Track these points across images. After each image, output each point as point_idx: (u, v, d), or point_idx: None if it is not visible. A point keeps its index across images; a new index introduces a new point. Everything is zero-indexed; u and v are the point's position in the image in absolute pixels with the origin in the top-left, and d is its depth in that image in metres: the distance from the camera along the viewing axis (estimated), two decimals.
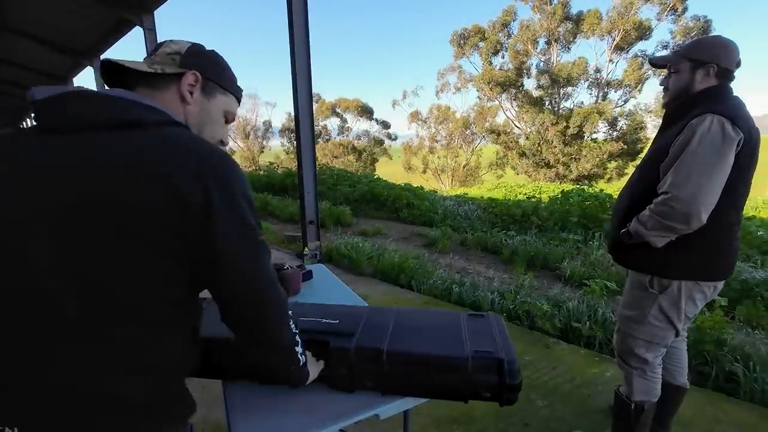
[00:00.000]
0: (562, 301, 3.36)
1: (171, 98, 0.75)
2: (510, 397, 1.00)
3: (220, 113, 0.84)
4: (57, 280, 0.56)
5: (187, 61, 0.77)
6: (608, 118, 23.21)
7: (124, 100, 0.65)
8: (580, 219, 6.74)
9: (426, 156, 30.83)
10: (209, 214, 0.61)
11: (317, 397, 1.02)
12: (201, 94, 0.79)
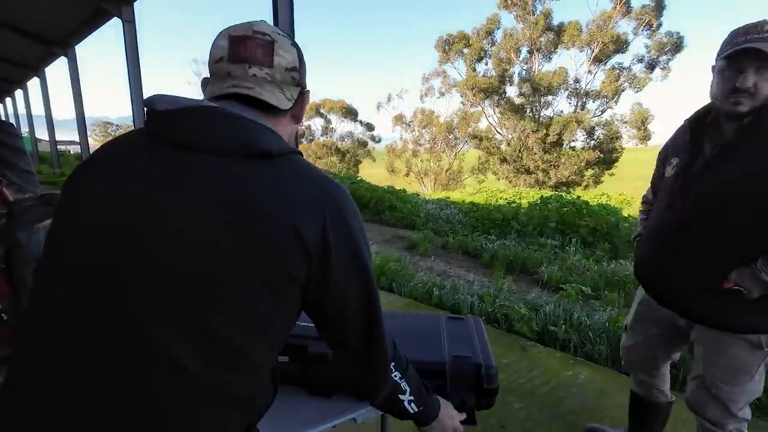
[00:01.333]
0: (540, 305, 3.42)
1: (286, 121, 0.68)
2: (487, 402, 1.01)
3: None
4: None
5: (302, 77, 0.69)
6: (586, 128, 23.94)
7: (256, 125, 0.58)
8: (557, 224, 6.90)
9: (409, 159, 31.02)
10: (328, 256, 0.57)
11: (294, 401, 1.01)
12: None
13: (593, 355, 2.77)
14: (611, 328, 2.97)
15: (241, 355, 0.54)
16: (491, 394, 1.00)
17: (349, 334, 0.66)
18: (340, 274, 0.59)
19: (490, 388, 0.98)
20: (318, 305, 0.62)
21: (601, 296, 4.11)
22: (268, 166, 0.56)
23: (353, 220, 0.60)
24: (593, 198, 14.72)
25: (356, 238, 0.60)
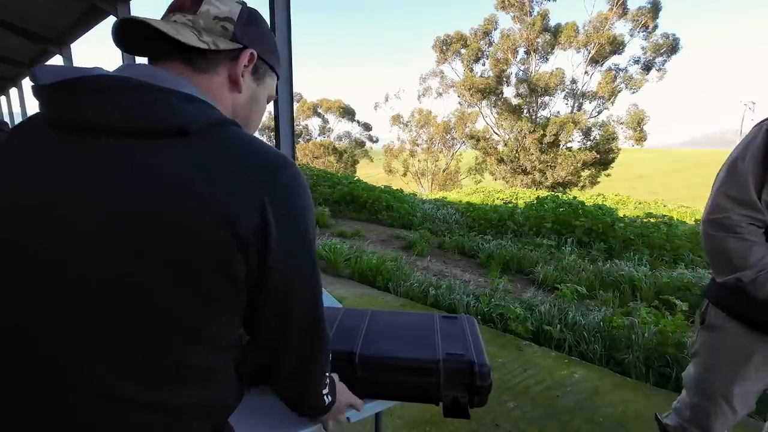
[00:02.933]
0: (535, 305, 3.44)
1: (219, 84, 0.57)
2: (480, 400, 1.01)
3: (265, 100, 0.67)
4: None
5: (243, 32, 0.58)
6: (583, 128, 24.08)
7: (169, 93, 0.48)
8: (553, 225, 6.94)
9: (407, 159, 31.06)
10: (268, 245, 0.48)
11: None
12: (252, 79, 0.62)
13: (588, 354, 2.78)
14: (606, 327, 2.99)
15: (184, 366, 0.49)
16: (484, 392, 1.00)
17: (289, 340, 0.58)
18: (284, 266, 0.50)
19: (482, 385, 0.98)
20: (256, 304, 0.53)
21: (596, 296, 4.14)
22: (189, 146, 0.46)
23: (300, 199, 0.52)
24: (589, 198, 14.82)
25: (304, 223, 0.52)
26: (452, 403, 1.01)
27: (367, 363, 1.00)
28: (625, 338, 2.83)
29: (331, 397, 0.76)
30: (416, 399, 1.03)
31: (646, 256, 5.50)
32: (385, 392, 1.03)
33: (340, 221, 8.19)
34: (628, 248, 5.98)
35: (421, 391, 1.01)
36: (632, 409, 2.19)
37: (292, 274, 0.53)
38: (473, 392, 1.00)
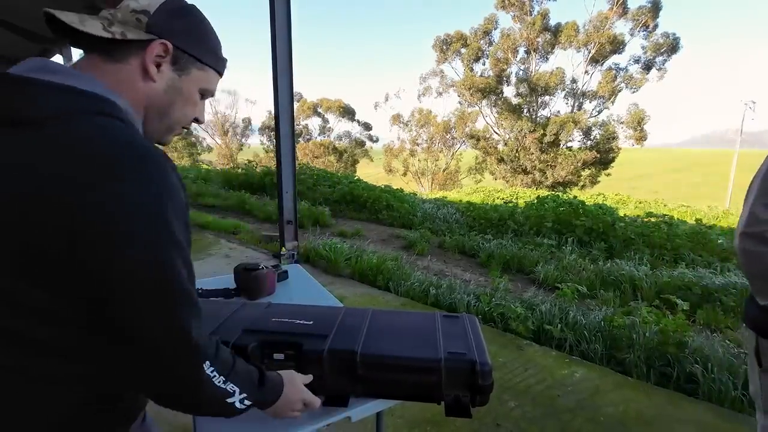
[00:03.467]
0: (536, 304, 3.44)
1: (130, 73, 0.60)
2: (482, 399, 1.01)
3: (194, 91, 0.68)
4: None
5: (156, 24, 0.60)
6: (583, 128, 24.06)
7: (26, 81, 0.50)
8: (554, 224, 6.93)
9: (407, 159, 31.05)
10: (79, 235, 0.46)
11: None
12: (171, 69, 0.63)
13: (588, 353, 2.78)
14: (606, 327, 2.99)
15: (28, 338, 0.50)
16: (486, 391, 1.00)
17: (135, 321, 0.51)
18: (106, 248, 0.47)
19: (484, 384, 0.98)
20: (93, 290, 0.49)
21: (596, 295, 4.14)
22: (25, 138, 0.47)
23: (130, 188, 0.48)
24: (590, 198, 14.81)
25: (131, 208, 0.48)
26: (454, 402, 1.00)
27: (368, 362, 0.99)
28: (626, 338, 2.83)
29: (253, 400, 0.70)
30: (418, 398, 1.02)
31: (646, 256, 5.50)
32: (386, 391, 1.02)
33: (341, 221, 8.19)
34: (628, 248, 5.97)
35: (422, 390, 1.01)
36: (633, 409, 2.19)
37: (117, 268, 0.48)
38: (475, 391, 1.00)
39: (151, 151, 0.52)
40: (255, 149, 34.66)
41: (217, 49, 0.70)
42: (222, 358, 0.63)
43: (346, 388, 1.01)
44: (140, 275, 0.49)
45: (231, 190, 10.44)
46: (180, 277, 0.53)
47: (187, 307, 0.55)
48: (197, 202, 9.07)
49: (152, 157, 0.51)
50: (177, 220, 0.52)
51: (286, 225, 4.49)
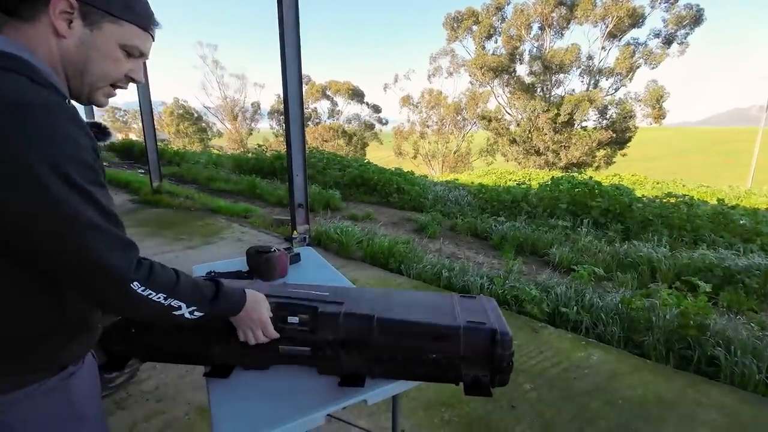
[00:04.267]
0: (551, 286, 3.38)
1: (41, 31, 0.61)
2: (502, 378, 0.98)
3: (112, 47, 0.67)
4: None
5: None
6: (598, 107, 23.34)
7: None
8: (569, 206, 6.79)
9: (417, 141, 30.69)
10: None
11: (304, 382, 0.99)
12: (82, 25, 0.64)
13: (605, 336, 2.73)
14: (624, 309, 2.92)
15: None
16: (505, 368, 0.97)
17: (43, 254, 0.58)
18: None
19: (504, 354, 0.95)
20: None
21: (613, 278, 4.05)
22: None
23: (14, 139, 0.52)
24: (605, 179, 14.48)
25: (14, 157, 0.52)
26: (473, 382, 0.98)
27: (385, 327, 0.97)
28: (644, 320, 2.77)
29: (205, 311, 0.78)
30: (436, 379, 1.00)
31: (665, 237, 5.35)
32: (403, 370, 0.99)
33: (351, 204, 8.16)
34: (646, 229, 5.82)
35: (441, 368, 0.98)
36: (652, 392, 2.15)
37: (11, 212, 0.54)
38: (495, 366, 0.97)
39: (31, 101, 0.55)
40: (265, 134, 34.66)
41: (134, 2, 0.68)
42: (158, 279, 0.68)
43: (362, 367, 0.99)
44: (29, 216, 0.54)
45: (242, 174, 10.47)
46: (76, 212, 0.56)
47: (92, 235, 0.58)
48: (209, 187, 9.12)
49: (34, 108, 0.54)
50: (71, 164, 0.56)
51: (297, 209, 4.47)
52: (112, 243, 0.61)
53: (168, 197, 6.81)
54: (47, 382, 0.67)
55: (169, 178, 9.54)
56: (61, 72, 0.65)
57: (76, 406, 0.73)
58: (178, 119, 34.86)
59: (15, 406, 0.64)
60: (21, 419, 0.65)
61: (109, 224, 0.61)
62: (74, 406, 0.73)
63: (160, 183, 7.37)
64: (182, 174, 10.44)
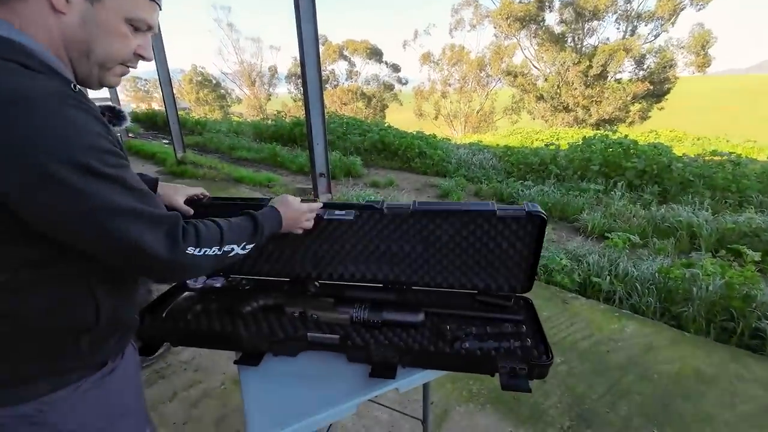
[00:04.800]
0: (582, 255, 3.26)
1: (34, 9, 0.55)
2: (540, 371, 0.95)
3: (117, 21, 0.61)
4: None
5: None
6: (635, 56, 21.58)
7: None
8: (601, 167, 6.44)
9: (438, 101, 29.58)
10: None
11: (334, 370, 0.98)
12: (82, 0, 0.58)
13: (640, 307, 2.64)
14: (661, 278, 2.79)
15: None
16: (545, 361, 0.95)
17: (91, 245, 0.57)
18: (26, 199, 0.50)
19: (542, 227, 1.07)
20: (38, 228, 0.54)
21: (649, 244, 3.87)
22: None
23: (27, 140, 0.48)
24: (640, 136, 13.66)
25: (33, 159, 0.49)
26: (509, 374, 0.94)
27: (420, 212, 1.08)
28: (683, 290, 2.64)
29: (255, 241, 0.82)
30: (470, 369, 0.98)
31: (707, 200, 5.02)
32: (435, 359, 0.98)
33: (372, 170, 8.06)
34: (685, 191, 5.48)
35: (475, 358, 0.96)
36: (691, 366, 2.07)
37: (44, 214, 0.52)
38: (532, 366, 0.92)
39: (23, 94, 0.49)
40: (283, 99, 34.25)
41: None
42: (207, 237, 0.69)
43: (393, 357, 0.97)
44: (66, 216, 0.53)
45: (262, 142, 10.45)
46: (111, 201, 0.54)
47: (134, 222, 0.56)
48: (231, 156, 9.18)
49: (42, 101, 0.50)
50: (91, 153, 0.53)
51: (319, 178, 4.43)
52: (152, 222, 0.59)
53: (192, 168, 6.91)
54: (88, 380, 0.68)
55: (192, 148, 9.64)
56: (64, 54, 0.59)
57: (117, 401, 0.74)
58: (197, 86, 34.80)
59: (57, 406, 0.64)
60: (64, 418, 0.65)
61: (144, 204, 0.59)
62: (115, 401, 0.74)
63: (184, 153, 7.46)
64: (205, 143, 10.53)
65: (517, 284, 1.16)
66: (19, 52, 0.53)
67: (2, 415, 0.60)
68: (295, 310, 1.10)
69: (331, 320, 1.08)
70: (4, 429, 0.61)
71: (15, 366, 0.61)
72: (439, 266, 1.16)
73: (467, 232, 1.09)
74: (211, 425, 1.72)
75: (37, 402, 0.62)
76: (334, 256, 1.21)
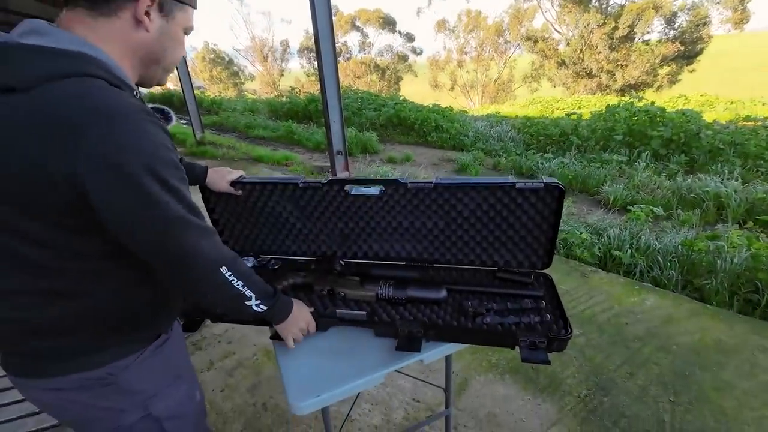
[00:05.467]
0: (602, 229, 3.23)
1: (120, 26, 0.63)
2: (560, 344, 0.98)
3: (180, 32, 0.72)
4: None
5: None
6: (666, 14, 20.21)
7: (17, 47, 0.57)
8: (625, 137, 6.22)
9: (454, 71, 28.64)
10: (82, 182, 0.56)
11: (363, 343, 1.04)
12: (159, 16, 0.67)
13: (661, 280, 2.63)
14: (685, 251, 2.76)
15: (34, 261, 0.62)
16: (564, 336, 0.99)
17: (145, 246, 0.65)
18: (104, 197, 0.57)
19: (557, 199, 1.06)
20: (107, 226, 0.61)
21: (673, 216, 3.79)
22: (13, 106, 0.55)
23: (112, 147, 0.56)
24: (669, 102, 13.01)
25: (115, 162, 0.56)
26: (529, 347, 0.98)
27: (442, 186, 1.11)
28: (707, 263, 2.61)
29: (267, 306, 0.85)
30: (492, 342, 1.03)
31: (737, 168, 4.83)
32: (458, 333, 1.03)
33: (389, 146, 8.01)
34: (715, 159, 5.27)
35: (496, 332, 1.00)
36: (711, 338, 2.08)
37: (115, 211, 0.59)
38: (552, 338, 0.96)
39: (124, 110, 0.57)
40: (296, 74, 33.85)
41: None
42: (240, 269, 0.77)
43: (417, 331, 1.01)
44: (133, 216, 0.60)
45: (277, 120, 10.46)
46: (171, 210, 0.62)
47: (186, 231, 0.65)
48: (248, 135, 9.26)
49: (126, 116, 0.57)
50: (161, 165, 0.60)
51: (336, 156, 4.45)
52: (201, 233, 0.68)
53: (212, 148, 7.02)
54: (148, 348, 0.79)
55: (210, 128, 9.74)
56: (136, 64, 0.69)
57: (172, 367, 0.85)
58: (210, 64, 34.67)
59: (126, 370, 0.75)
60: (131, 380, 0.76)
61: (195, 216, 0.68)
62: (171, 366, 0.85)
63: (203, 134, 7.56)
64: (222, 123, 10.62)
65: (537, 260, 1.18)
66: (101, 68, 0.60)
67: (82, 378, 0.71)
68: (324, 288, 1.16)
69: (357, 297, 1.13)
70: (84, 389, 0.72)
71: (93, 337, 0.71)
72: (461, 242, 1.19)
73: (487, 206, 1.11)
74: (246, 392, 1.85)
75: (108, 367, 0.73)
76: (360, 234, 1.25)
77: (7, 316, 0.67)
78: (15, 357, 0.71)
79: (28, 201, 0.58)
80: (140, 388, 0.78)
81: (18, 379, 0.73)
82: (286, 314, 0.94)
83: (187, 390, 0.89)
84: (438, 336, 1.03)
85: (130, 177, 0.58)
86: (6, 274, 0.64)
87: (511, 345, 1.00)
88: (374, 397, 1.79)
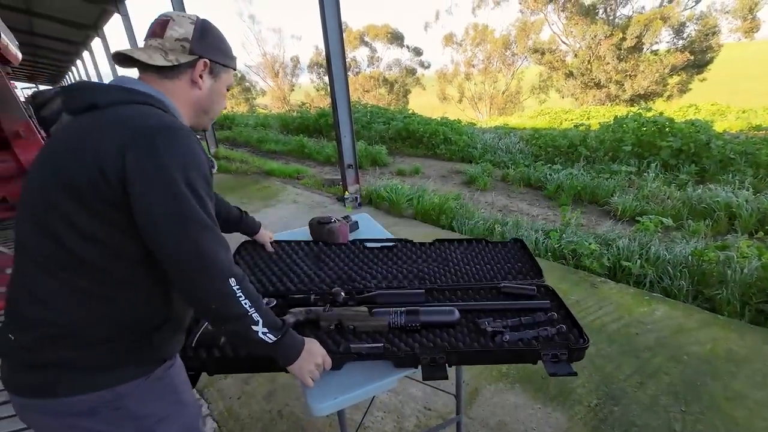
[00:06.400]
0: (612, 239, 3.25)
1: (181, 85, 0.84)
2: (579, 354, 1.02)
3: (224, 89, 0.92)
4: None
5: (196, 47, 0.83)
6: (674, 25, 20.22)
7: (106, 87, 0.76)
8: (634, 148, 6.23)
9: (462, 83, 28.89)
10: (128, 179, 0.67)
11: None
12: (210, 78, 0.87)
13: (672, 290, 2.63)
14: (695, 261, 2.76)
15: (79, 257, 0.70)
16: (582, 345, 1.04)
17: (165, 241, 0.70)
18: (142, 189, 0.67)
19: None
20: (138, 219, 0.70)
21: (683, 226, 3.78)
22: (94, 117, 0.72)
23: (160, 149, 0.68)
24: (678, 112, 12.94)
25: (159, 162, 0.68)
26: (552, 360, 1.00)
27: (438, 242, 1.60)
28: (717, 273, 2.61)
29: (276, 336, 0.83)
30: (514, 360, 1.05)
31: (749, 178, 4.80)
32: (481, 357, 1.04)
33: (398, 159, 8.12)
34: (725, 169, 5.24)
35: (518, 351, 1.02)
36: (722, 348, 2.09)
37: (148, 202, 0.68)
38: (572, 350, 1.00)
39: (175, 126, 0.72)
40: (306, 88, 34.46)
41: (232, 51, 0.93)
42: (248, 288, 0.79)
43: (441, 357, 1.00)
44: (161, 209, 0.69)
45: (289, 134, 10.69)
46: (194, 212, 0.71)
47: (204, 232, 0.72)
48: (261, 149, 9.46)
49: (177, 131, 0.72)
50: (195, 175, 0.72)
51: (347, 169, 4.56)
52: (219, 241, 0.75)
53: (226, 162, 7.21)
54: (155, 372, 0.80)
55: (223, 142, 9.99)
56: (191, 114, 0.89)
57: (178, 393, 0.86)
58: None
59: (133, 393, 0.76)
60: (139, 403, 0.77)
61: (215, 226, 0.76)
62: (177, 392, 0.85)
63: (217, 149, 7.77)
64: (234, 137, 10.89)
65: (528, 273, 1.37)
66: (160, 103, 0.79)
67: (91, 399, 0.73)
68: (331, 323, 1.09)
69: (368, 328, 1.08)
70: (91, 414, 0.73)
71: (109, 352, 0.74)
72: (460, 272, 1.40)
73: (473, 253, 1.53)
74: (262, 400, 1.91)
75: (117, 388, 0.74)
76: (364, 276, 1.36)
77: (36, 317, 0.71)
78: (25, 373, 0.72)
79: (86, 191, 0.68)
80: (147, 412, 0.79)
81: (21, 399, 0.73)
82: (297, 352, 0.89)
83: (192, 414, 0.90)
84: (461, 360, 1.03)
85: (168, 174, 0.68)
86: (52, 273, 0.71)
87: (533, 360, 1.01)
88: (386, 405, 1.83)
